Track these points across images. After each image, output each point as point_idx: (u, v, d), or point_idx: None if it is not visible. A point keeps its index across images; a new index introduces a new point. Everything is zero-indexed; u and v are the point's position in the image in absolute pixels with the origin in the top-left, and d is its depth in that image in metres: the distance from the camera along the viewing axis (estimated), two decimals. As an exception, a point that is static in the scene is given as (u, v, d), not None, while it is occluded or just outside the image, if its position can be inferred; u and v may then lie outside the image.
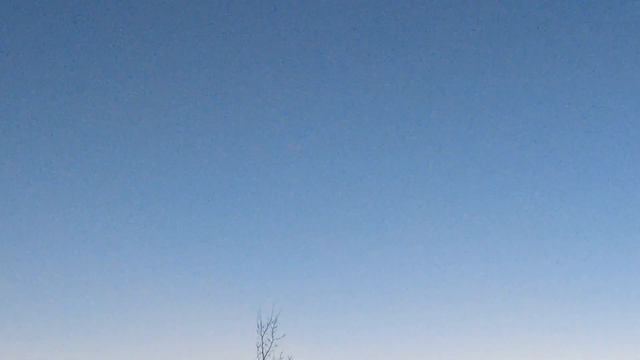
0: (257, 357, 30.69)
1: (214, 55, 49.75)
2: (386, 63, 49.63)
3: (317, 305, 42.45)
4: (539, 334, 40.90)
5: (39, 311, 41.12)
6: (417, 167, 48.15)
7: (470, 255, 44.85)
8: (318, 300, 42.90)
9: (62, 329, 40.25)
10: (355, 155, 48.36)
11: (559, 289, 43.54)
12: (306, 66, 49.64)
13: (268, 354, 30.60)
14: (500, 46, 49.58)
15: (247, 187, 47.34)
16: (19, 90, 47.73)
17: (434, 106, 49.07)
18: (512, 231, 45.89)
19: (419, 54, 49.65)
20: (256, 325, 30.88)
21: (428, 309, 42.65)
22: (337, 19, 49.63)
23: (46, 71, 48.42)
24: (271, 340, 30.75)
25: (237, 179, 47.63)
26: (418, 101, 49.27)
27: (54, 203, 45.71)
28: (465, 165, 47.97)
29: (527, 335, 40.72)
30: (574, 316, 42.01)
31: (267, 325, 30.78)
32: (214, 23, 49.65)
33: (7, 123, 47.09)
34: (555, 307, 42.56)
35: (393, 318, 42.11)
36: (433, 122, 48.98)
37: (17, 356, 36.65)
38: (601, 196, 46.91)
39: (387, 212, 46.62)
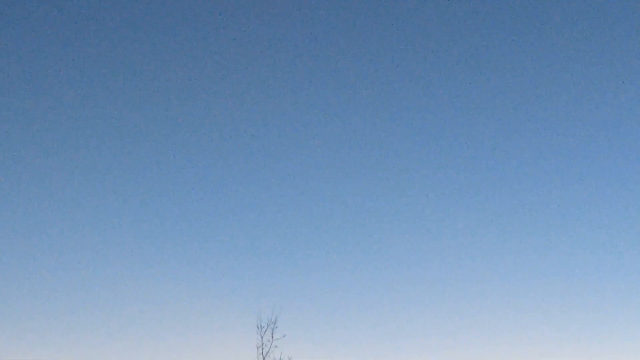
0: (257, 357, 30.66)
1: (213, 54, 49.72)
2: (385, 62, 49.61)
3: (317, 305, 42.45)
4: (539, 334, 40.92)
5: (38, 311, 41.15)
6: (418, 167, 48.13)
7: (472, 256, 44.85)
8: (318, 300, 42.90)
9: (61, 329, 40.27)
10: (356, 155, 48.37)
11: (559, 289, 43.55)
12: (305, 65, 49.61)
13: (268, 354, 30.57)
14: (500, 46, 49.55)
15: (247, 187, 47.32)
16: (19, 89, 47.75)
17: (433, 106, 49.06)
18: (513, 231, 45.89)
19: (419, 53, 49.62)
20: (256, 326, 30.87)
21: (429, 309, 42.66)
22: (335, 17, 49.61)
23: (45, 70, 48.42)
24: (271, 340, 30.71)
25: (236, 179, 47.60)
26: (417, 101, 49.26)
27: (53, 203, 45.71)
28: (466, 166, 47.96)
29: (527, 336, 40.76)
30: (574, 316, 42.05)
31: (267, 325, 30.73)
32: (214, 22, 49.64)
33: (7, 122, 47.09)
34: (556, 308, 42.60)
35: (393, 318, 42.12)
36: (433, 122, 48.95)
37: (17, 356, 36.68)
38: (602, 196, 46.90)
39: (388, 212, 46.61)
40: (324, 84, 49.48)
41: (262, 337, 30.68)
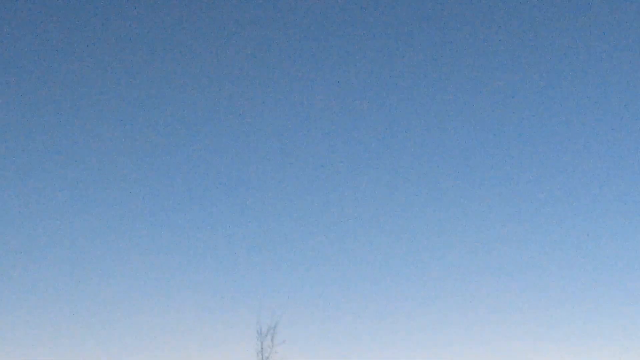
0: (257, 363, 30.63)
1: (212, 54, 49.65)
2: (385, 60, 49.54)
3: (318, 311, 42.38)
4: (539, 334, 40.92)
5: (38, 311, 41.17)
6: (420, 168, 48.04)
7: (472, 257, 44.81)
8: (319, 306, 42.82)
9: (60, 329, 40.26)
10: (357, 156, 48.28)
11: (559, 289, 43.55)
12: (304, 64, 49.52)
13: (268, 360, 30.55)
14: (500, 46, 49.47)
15: (246, 190, 47.27)
16: (19, 89, 47.75)
17: (434, 105, 48.99)
18: (513, 231, 45.87)
19: (419, 52, 49.54)
20: (256, 331, 30.81)
21: (430, 315, 42.60)
22: (333, 16, 49.55)
23: (45, 69, 48.41)
24: (271, 346, 30.66)
25: (236, 183, 47.54)
26: (417, 100, 49.19)
27: (52, 202, 45.70)
28: (466, 165, 47.90)
29: (526, 336, 40.76)
30: (575, 316, 42.04)
31: (267, 331, 30.69)
32: (213, 21, 49.61)
33: (6, 122, 47.09)
34: (556, 307, 42.59)
35: (395, 323, 42.06)
36: (433, 122, 48.89)
37: (17, 356, 36.72)
38: (603, 196, 46.87)
39: (390, 215, 46.54)
40: (324, 83, 49.40)
41: (262, 343, 30.66)
